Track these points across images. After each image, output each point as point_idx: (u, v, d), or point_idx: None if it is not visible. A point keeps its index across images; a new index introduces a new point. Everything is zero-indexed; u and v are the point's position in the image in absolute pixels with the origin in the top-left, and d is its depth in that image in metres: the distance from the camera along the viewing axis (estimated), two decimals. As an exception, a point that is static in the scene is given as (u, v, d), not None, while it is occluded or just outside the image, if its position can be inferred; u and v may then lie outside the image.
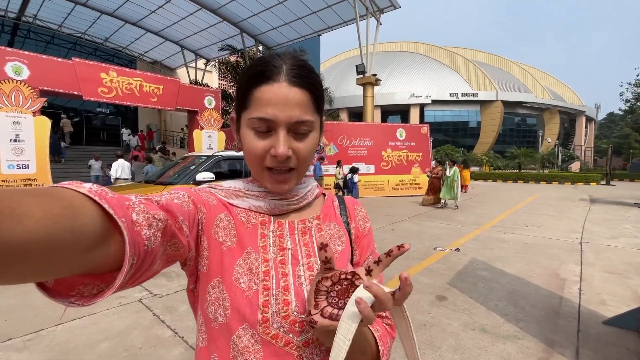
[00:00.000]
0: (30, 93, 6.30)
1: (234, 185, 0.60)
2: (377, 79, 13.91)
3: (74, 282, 0.35)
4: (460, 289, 3.41)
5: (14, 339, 2.44)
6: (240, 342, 0.50)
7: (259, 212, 0.58)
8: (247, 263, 0.53)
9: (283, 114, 0.50)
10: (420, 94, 38.85)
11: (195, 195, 0.54)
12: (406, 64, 43.29)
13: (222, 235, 0.54)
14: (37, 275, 0.29)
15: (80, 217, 0.30)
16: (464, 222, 7.22)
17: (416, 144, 12.78)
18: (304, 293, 0.53)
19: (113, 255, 0.34)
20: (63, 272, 0.30)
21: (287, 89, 0.51)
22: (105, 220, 0.32)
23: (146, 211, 0.38)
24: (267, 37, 16.65)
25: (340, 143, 11.86)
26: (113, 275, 0.35)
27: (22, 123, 6.21)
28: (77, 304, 0.35)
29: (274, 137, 0.52)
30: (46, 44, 17.90)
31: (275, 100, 0.50)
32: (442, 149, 30.21)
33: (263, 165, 0.54)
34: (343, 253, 0.60)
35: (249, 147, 0.53)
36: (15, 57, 6.21)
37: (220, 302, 0.51)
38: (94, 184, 0.35)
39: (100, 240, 0.32)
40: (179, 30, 16.80)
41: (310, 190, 0.63)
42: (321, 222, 0.62)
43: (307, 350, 0.52)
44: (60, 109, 17.27)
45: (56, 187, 0.32)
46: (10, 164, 6.17)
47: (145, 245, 0.36)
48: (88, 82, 7.27)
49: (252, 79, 0.52)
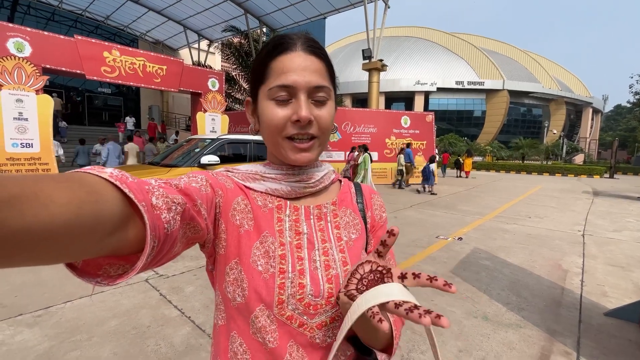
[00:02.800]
0: (33, 70, 6.20)
1: (251, 169, 0.60)
2: (383, 65, 13.66)
3: (100, 262, 0.36)
4: (463, 277, 3.44)
5: (25, 315, 2.48)
6: (258, 322, 0.52)
7: (276, 195, 0.58)
8: (264, 246, 0.54)
9: (302, 79, 0.52)
10: (426, 81, 38.27)
11: (213, 179, 0.54)
12: (412, 50, 42.45)
13: (240, 219, 0.55)
14: (62, 257, 0.29)
15: (102, 202, 0.30)
16: (467, 211, 7.23)
17: (420, 132, 12.66)
18: (319, 277, 0.54)
19: (135, 238, 0.35)
20: (88, 254, 0.31)
21: (303, 56, 0.53)
22: (126, 204, 0.33)
23: (165, 195, 0.38)
24: (271, 18, 16.27)
25: (345, 129, 11.75)
26: (137, 257, 0.36)
27: (25, 101, 6.15)
28: (103, 283, 0.36)
29: (294, 105, 0.53)
30: (47, 20, 17.57)
31: (293, 66, 0.52)
32: (446, 137, 29.99)
33: (283, 135, 0.54)
34: (357, 241, 0.61)
35: (269, 117, 0.53)
36: (16, 33, 6.08)
37: (238, 283, 0.53)
38: (114, 168, 0.35)
39: (122, 223, 0.33)
40: (182, 9, 16.41)
41: (327, 174, 0.63)
42: (337, 208, 0.62)
43: (320, 332, 0.54)
44: (62, 88, 17.14)
45: (79, 172, 0.32)
46: (14, 142, 6.14)
47: (165, 229, 0.37)
48: (91, 60, 7.15)
49: (268, 53, 0.54)
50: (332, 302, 0.54)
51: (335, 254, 0.57)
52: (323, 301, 0.53)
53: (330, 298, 0.54)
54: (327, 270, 0.55)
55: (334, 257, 0.57)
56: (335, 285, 0.55)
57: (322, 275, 0.55)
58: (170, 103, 21.02)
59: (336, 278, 0.55)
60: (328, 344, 0.54)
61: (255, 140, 5.77)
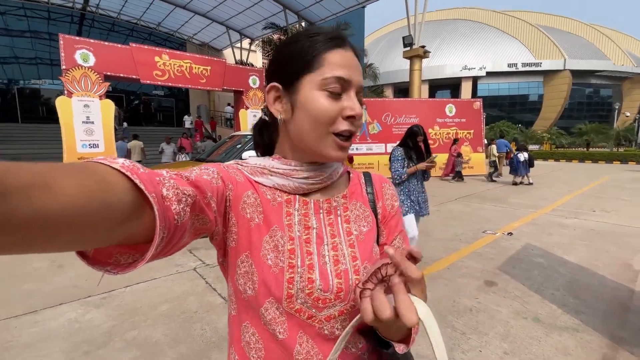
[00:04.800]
0: (97, 78, 6.89)
1: (259, 163, 0.59)
2: (425, 51, 13.03)
3: (111, 251, 0.37)
4: (511, 275, 3.22)
5: (93, 297, 2.80)
6: (268, 314, 0.53)
7: (284, 190, 0.57)
8: (273, 240, 0.54)
9: (356, 77, 0.53)
10: (474, 66, 35.88)
11: (224, 172, 0.55)
12: (459, 33, 39.91)
13: (250, 212, 0.55)
14: (74, 245, 0.30)
15: (112, 192, 0.31)
16: (519, 204, 6.71)
17: (467, 120, 11.94)
18: (328, 272, 0.54)
19: (145, 228, 0.35)
20: (98, 242, 0.32)
21: (353, 56, 0.55)
22: (136, 195, 0.33)
23: (176, 187, 0.38)
24: (309, 12, 16.25)
25: (385, 121, 11.47)
26: (147, 246, 0.36)
27: (91, 106, 6.86)
28: (113, 272, 0.37)
29: (344, 100, 0.53)
30: (108, 31, 19.26)
31: (350, 63, 0.53)
32: (497, 125, 27.94)
33: (330, 130, 0.53)
34: (368, 234, 0.60)
35: (322, 109, 0.51)
36: (82, 45, 6.78)
37: (249, 276, 0.53)
38: (126, 159, 0.35)
39: (132, 214, 0.33)
40: (224, 11, 17.02)
41: (336, 169, 0.62)
42: (347, 202, 0.62)
43: (328, 324, 0.54)
44: (122, 92, 18.82)
45: (90, 162, 0.33)
46: (83, 144, 6.90)
47: (175, 220, 0.37)
48: (144, 65, 7.74)
49: (322, 42, 0.53)
50: (340, 297, 0.54)
51: (345, 249, 0.57)
52: (332, 296, 0.53)
53: (339, 293, 0.54)
54: (336, 265, 0.55)
55: (343, 252, 0.57)
56: (344, 281, 0.54)
57: (331, 271, 0.55)
58: (216, 102, 22.09)
59: (345, 273, 0.55)
60: (336, 336, 0.55)
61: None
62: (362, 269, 0.56)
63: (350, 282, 0.54)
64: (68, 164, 0.29)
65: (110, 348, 2.11)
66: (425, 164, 2.97)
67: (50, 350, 2.09)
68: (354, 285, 0.54)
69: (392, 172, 3.08)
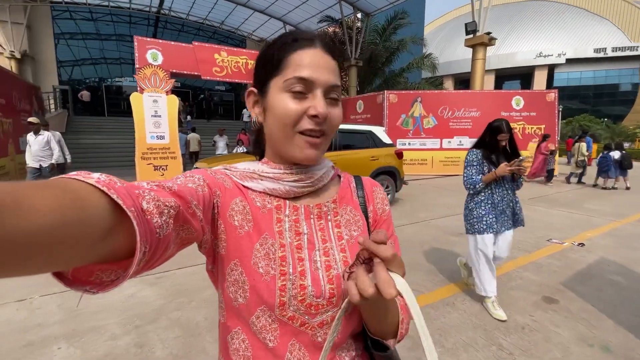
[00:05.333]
0: (164, 75, 7.54)
1: (248, 167, 0.59)
2: (491, 38, 11.91)
3: (92, 269, 0.35)
4: (578, 292, 2.82)
5: (149, 275, 3.09)
6: (259, 321, 0.53)
7: (274, 195, 0.57)
8: (264, 248, 0.54)
9: (322, 76, 0.52)
10: (551, 52, 32.02)
11: (211, 178, 0.54)
12: (533, 17, 35.79)
13: (239, 220, 0.54)
14: (50, 266, 0.28)
15: (88, 208, 0.29)
16: (597, 211, 5.86)
17: (538, 114, 10.69)
18: (320, 278, 0.54)
19: (126, 243, 0.34)
20: (76, 262, 0.30)
21: (322, 54, 0.53)
22: (114, 210, 0.32)
23: (156, 199, 0.37)
24: (365, 2, 15.85)
25: (441, 114, 10.81)
26: (129, 262, 0.34)
27: (159, 101, 7.55)
28: (92, 292, 0.35)
29: (310, 100, 0.52)
30: (178, 32, 20.99)
31: (313, 62, 0.52)
32: (576, 119, 24.68)
33: (295, 130, 0.53)
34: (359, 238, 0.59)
35: (283, 110, 0.52)
36: (152, 45, 7.47)
37: (239, 284, 0.53)
38: (102, 173, 0.34)
39: (111, 230, 0.32)
40: (281, 6, 17.43)
41: (326, 172, 0.61)
42: (337, 206, 0.61)
43: (321, 330, 0.54)
44: (189, 88, 20.47)
45: (63, 179, 0.31)
46: (152, 135, 7.63)
47: (157, 233, 0.36)
48: (205, 63, 8.26)
49: (286, 45, 0.54)
50: (333, 302, 0.54)
51: (336, 254, 0.57)
52: (325, 301, 0.53)
53: (331, 298, 0.54)
54: (328, 270, 0.55)
55: (335, 257, 0.56)
56: (336, 286, 0.54)
57: (323, 276, 0.54)
58: (271, 96, 22.87)
59: (337, 278, 0.55)
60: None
61: (341, 129, 5.79)
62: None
63: (342, 287, 0.54)
64: (39, 182, 0.28)
65: (157, 325, 2.31)
66: (509, 168, 2.30)
67: (108, 320, 2.35)
68: (346, 290, 0.54)
69: (465, 179, 2.48)
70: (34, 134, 5.72)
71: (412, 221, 5.17)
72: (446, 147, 10.92)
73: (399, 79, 18.20)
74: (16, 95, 8.48)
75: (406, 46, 17.39)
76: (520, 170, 2.33)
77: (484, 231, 2.46)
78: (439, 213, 5.67)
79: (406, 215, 5.59)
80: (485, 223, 2.46)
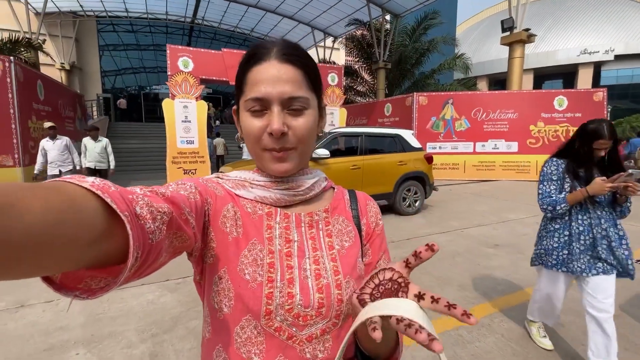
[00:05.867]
0: (194, 82, 7.76)
1: (240, 175, 0.59)
2: (530, 35, 11.19)
3: (81, 275, 0.34)
4: (638, 318, 2.44)
5: (170, 280, 3.09)
6: (244, 332, 0.52)
7: (265, 203, 0.57)
8: (252, 254, 0.53)
9: (275, 90, 0.51)
10: (597, 49, 29.72)
11: (202, 186, 0.54)
12: (576, 12, 33.49)
13: (229, 226, 0.54)
14: (42, 270, 0.28)
15: (82, 211, 0.29)
16: (655, 223, 5.22)
17: (583, 115, 9.84)
18: (309, 286, 0.53)
19: (118, 248, 0.33)
20: (67, 266, 0.30)
21: (277, 65, 0.51)
22: (108, 214, 0.31)
23: (150, 204, 0.37)
24: (394, 3, 15.56)
25: (475, 117, 10.27)
26: (119, 268, 0.34)
27: (189, 107, 7.77)
28: (82, 297, 0.35)
29: (268, 116, 0.52)
30: (211, 40, 21.82)
31: (266, 77, 0.51)
32: (627, 120, 22.62)
33: (262, 147, 0.53)
34: (351, 249, 0.59)
35: (247, 129, 0.53)
36: (184, 53, 7.71)
37: (225, 292, 0.52)
38: (96, 178, 0.34)
39: (104, 234, 0.31)
40: (309, 11, 17.55)
41: (317, 181, 0.61)
42: (329, 216, 0.61)
43: (310, 345, 0.52)
44: (220, 94, 21.16)
45: (58, 182, 0.31)
46: (182, 140, 7.87)
47: (150, 239, 0.35)
48: (234, 69, 8.23)
49: (244, 64, 0.54)
50: (322, 313, 0.53)
51: (327, 263, 0.56)
52: (313, 312, 0.52)
53: (320, 308, 0.52)
54: (317, 279, 0.54)
55: (325, 265, 0.55)
56: (326, 296, 0.53)
57: (313, 285, 0.53)
58: (299, 100, 23.09)
59: (327, 287, 0.54)
60: (319, 359, 0.53)
61: (367, 132, 5.61)
62: (345, 283, 0.55)
63: (332, 297, 0.53)
64: (33, 185, 0.27)
65: (174, 334, 2.26)
66: (610, 185, 1.64)
67: (127, 327, 2.34)
68: (336, 300, 0.53)
69: (540, 197, 1.89)
70: (51, 139, 5.43)
71: (442, 230, 4.87)
72: (480, 151, 10.37)
73: (429, 81, 17.65)
74: (61, 103, 9.09)
75: (437, 46, 16.84)
76: (630, 190, 1.63)
77: (552, 266, 1.91)
78: (472, 221, 5.31)
79: (436, 223, 5.28)
80: (556, 258, 1.89)
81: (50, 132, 5.39)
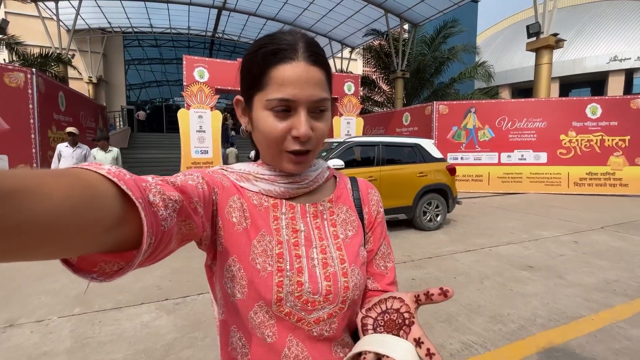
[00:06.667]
0: (209, 92, 7.74)
1: (244, 168, 0.60)
2: (558, 39, 10.64)
3: (96, 259, 0.36)
4: None
5: (169, 300, 2.86)
6: (257, 317, 0.53)
7: (270, 195, 0.58)
8: (261, 245, 0.54)
9: (304, 93, 0.50)
10: (628, 56, 28.35)
11: (209, 176, 0.54)
12: (605, 18, 32.20)
13: (237, 217, 0.55)
14: (59, 253, 0.29)
15: (100, 197, 0.30)
16: None
17: (619, 123, 9.15)
18: (317, 275, 0.55)
19: (132, 234, 0.34)
20: (84, 249, 0.31)
21: (305, 67, 0.51)
22: (123, 201, 0.32)
23: (162, 192, 0.38)
24: (412, 12, 15.34)
25: (499, 126, 9.75)
26: (133, 254, 0.35)
27: (203, 117, 7.75)
28: (98, 280, 0.36)
29: (293, 118, 0.52)
30: (230, 53, 22.29)
31: (295, 79, 0.50)
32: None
33: (282, 148, 0.53)
34: (354, 238, 0.61)
35: (268, 130, 0.52)
36: (199, 63, 7.73)
37: (237, 280, 0.53)
38: (112, 165, 0.35)
39: (119, 220, 0.32)
40: (327, 23, 17.60)
41: (321, 173, 0.63)
42: (333, 205, 0.62)
43: (317, 326, 0.54)
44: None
45: (77, 168, 0.31)
46: (196, 150, 7.82)
47: (162, 226, 0.36)
48: (249, 79, 8.39)
49: (266, 57, 0.51)
50: (329, 299, 0.54)
51: (333, 252, 0.58)
52: (321, 298, 0.54)
53: (328, 295, 0.54)
54: (325, 268, 0.56)
55: (332, 254, 0.57)
56: (333, 283, 0.55)
57: (320, 273, 0.55)
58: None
59: (334, 275, 0.55)
60: (325, 337, 0.55)
61: (385, 142, 5.31)
62: (350, 271, 0.56)
63: (339, 284, 0.55)
64: (54, 170, 0.28)
65: (163, 366, 2.01)
66: None
67: (114, 355, 2.10)
68: (343, 287, 0.55)
69: None
70: (71, 146, 5.24)
71: (467, 248, 4.45)
72: (505, 162, 9.79)
73: (449, 90, 17.18)
74: (83, 114, 9.30)
75: (457, 55, 16.41)
76: None
77: None
78: (501, 239, 4.85)
79: (460, 240, 4.86)
80: None
81: (69, 138, 5.24)
